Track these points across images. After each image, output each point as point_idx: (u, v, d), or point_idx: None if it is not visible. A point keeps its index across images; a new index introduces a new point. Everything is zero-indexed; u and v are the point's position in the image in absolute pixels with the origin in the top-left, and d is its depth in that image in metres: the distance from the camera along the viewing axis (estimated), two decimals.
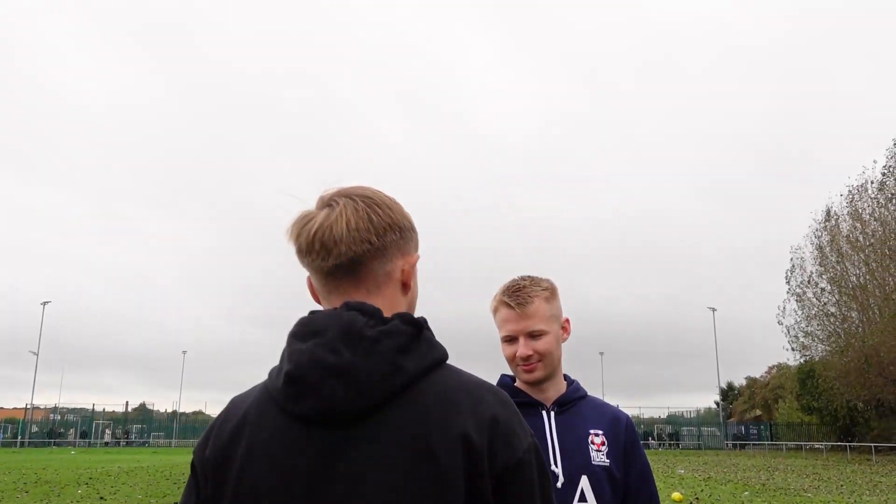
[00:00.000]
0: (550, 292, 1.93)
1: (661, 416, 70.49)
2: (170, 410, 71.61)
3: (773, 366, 67.75)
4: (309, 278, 1.15)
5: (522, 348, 1.86)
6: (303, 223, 1.09)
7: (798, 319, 46.81)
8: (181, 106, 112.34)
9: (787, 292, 48.07)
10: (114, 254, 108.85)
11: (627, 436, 1.94)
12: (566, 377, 2.00)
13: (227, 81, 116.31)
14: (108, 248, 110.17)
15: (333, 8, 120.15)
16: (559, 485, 1.79)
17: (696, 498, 15.05)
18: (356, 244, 1.07)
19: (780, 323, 49.37)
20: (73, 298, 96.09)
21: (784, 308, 49.08)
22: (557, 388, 1.94)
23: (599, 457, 1.86)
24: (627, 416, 2.00)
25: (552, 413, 1.90)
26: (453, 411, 0.99)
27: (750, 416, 69.09)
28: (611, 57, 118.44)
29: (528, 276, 1.96)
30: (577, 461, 1.83)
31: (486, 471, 0.97)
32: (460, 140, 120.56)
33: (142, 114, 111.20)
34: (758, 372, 73.00)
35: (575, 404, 1.94)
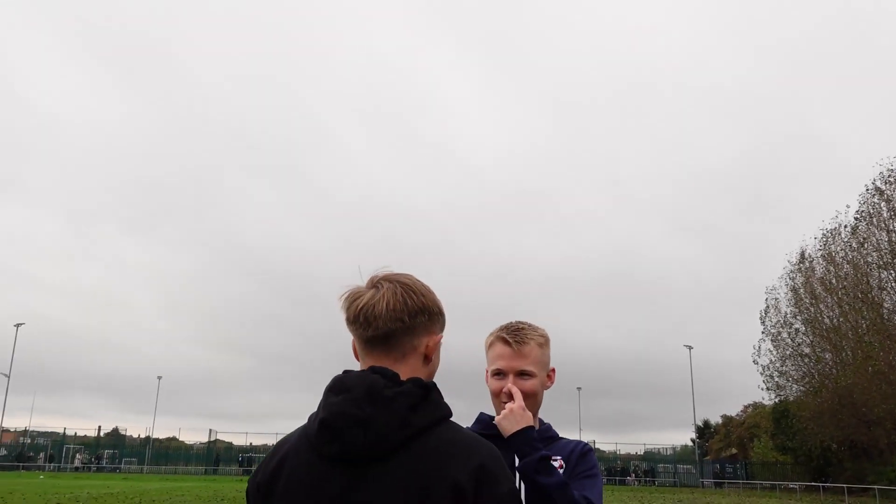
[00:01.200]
0: (545, 340, 2.07)
1: (638, 453, 70.47)
2: (143, 436, 70.71)
3: (749, 404, 68.16)
4: (353, 341, 1.47)
5: (510, 385, 1.96)
6: (353, 298, 1.43)
7: (773, 359, 47.34)
8: (156, 127, 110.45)
9: (762, 332, 48.62)
10: (87, 276, 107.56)
11: (583, 455, 2.00)
12: (541, 420, 2.10)
13: (205, 103, 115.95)
14: (82, 270, 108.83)
15: (313, 29, 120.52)
16: None
17: None
18: (391, 321, 1.40)
19: (755, 362, 49.77)
20: (47, 321, 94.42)
21: (759, 347, 49.53)
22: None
23: None
24: (586, 444, 2.06)
25: None
26: (449, 461, 1.29)
27: (726, 454, 69.22)
28: (590, 89, 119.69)
29: (526, 322, 2.09)
30: None
31: None
32: (436, 168, 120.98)
33: (116, 134, 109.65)
34: (734, 410, 73.39)
35: (544, 442, 2.01)
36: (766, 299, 48.33)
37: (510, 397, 1.97)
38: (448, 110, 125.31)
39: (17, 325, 60.60)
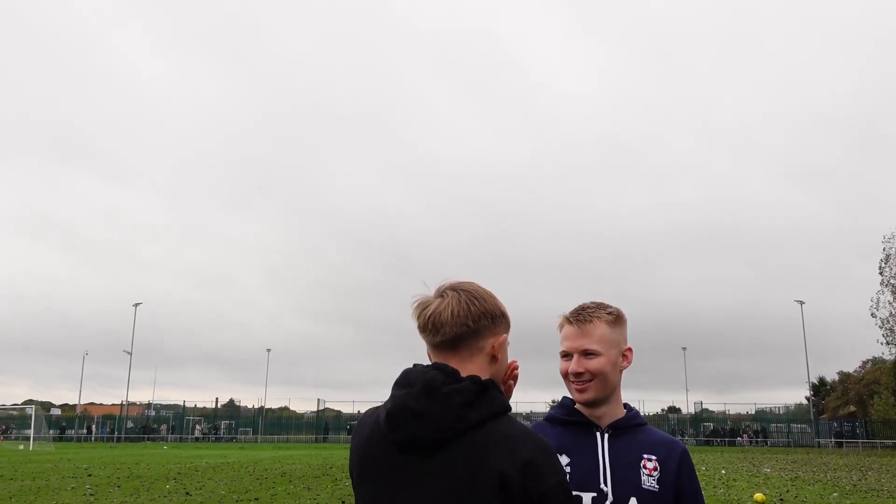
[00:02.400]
0: (615, 318, 2.02)
1: (749, 412, 68.36)
2: (256, 406, 73.93)
3: (868, 360, 64.80)
4: (427, 349, 1.63)
5: (574, 364, 1.97)
6: (422, 308, 1.59)
7: (893, 311, 44.67)
8: (255, 105, 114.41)
9: (881, 283, 45.97)
10: (193, 253, 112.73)
11: (683, 464, 1.98)
12: (626, 405, 2.06)
13: (300, 79, 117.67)
14: (187, 248, 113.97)
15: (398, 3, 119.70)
16: (607, 503, 1.90)
17: (781, 499, 14.57)
18: (457, 327, 1.55)
19: (873, 315, 47.21)
20: (160, 299, 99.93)
21: (877, 300, 46.90)
22: (614, 413, 2.02)
23: (650, 481, 1.92)
24: (684, 445, 2.03)
25: (606, 434, 1.99)
26: (498, 453, 1.42)
27: (843, 412, 66.24)
28: (685, 35, 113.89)
29: (597, 301, 2.07)
30: (627, 483, 1.91)
31: (518, 500, 1.39)
32: (528, 128, 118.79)
33: (213, 111, 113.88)
34: (851, 366, 69.92)
35: (631, 430, 2.01)
36: (885, 248, 45.67)
37: (577, 377, 1.98)
38: (533, 63, 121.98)
39: (136, 305, 64.55)
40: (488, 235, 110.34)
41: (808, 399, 67.92)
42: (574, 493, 1.84)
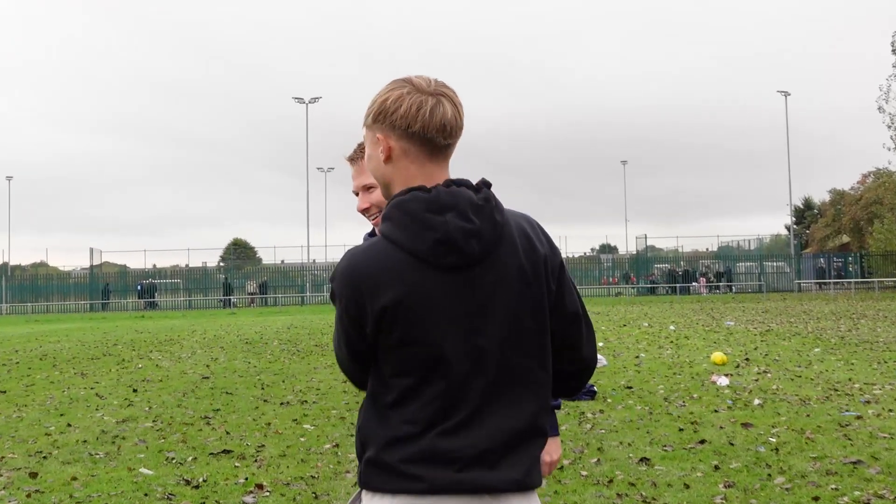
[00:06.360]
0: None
1: (710, 249, 72.63)
2: None
3: (869, 173, 69.36)
4: (397, 145, 2.15)
5: (360, 202, 3.26)
6: (430, 107, 2.09)
7: None
8: None
9: (894, 66, 48.28)
10: None
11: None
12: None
13: None
14: None
15: None
16: None
17: (747, 358, 15.95)
18: (460, 132, 2.18)
19: (881, 110, 50.08)
20: None
21: (888, 89, 49.52)
22: None
23: None
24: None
25: None
26: (529, 240, 2.17)
27: (833, 244, 71.40)
28: None
29: None
30: None
31: (550, 269, 2.18)
32: None
33: None
34: (847, 183, 75.06)
35: None
36: None
37: (364, 213, 3.16)
38: None
39: None
40: None
41: (788, 228, 72.68)
42: None
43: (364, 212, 3.22)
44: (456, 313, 2.08)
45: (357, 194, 3.23)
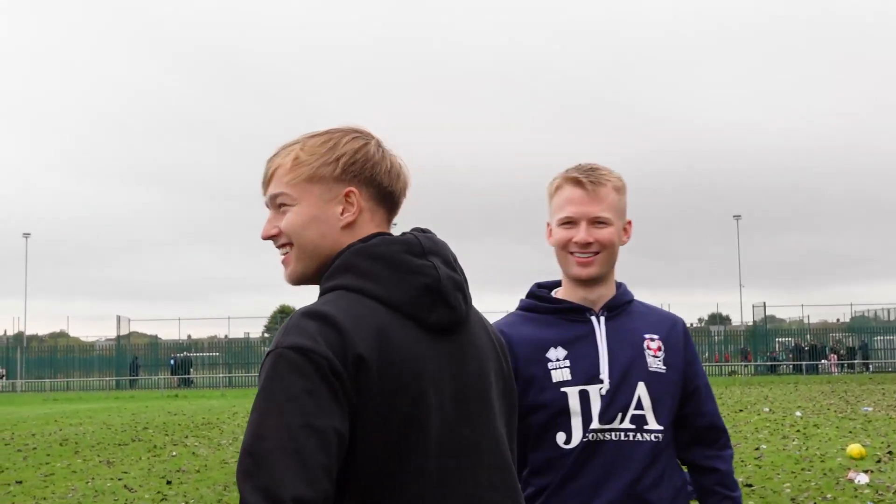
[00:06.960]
0: (622, 185, 2.88)
1: (840, 320, 71.28)
2: (10, 333, 72.95)
3: None
4: (357, 194, 2.01)
5: (583, 233, 2.79)
6: (383, 155, 2.07)
7: None
8: None
9: None
10: None
11: (687, 343, 2.94)
12: (617, 284, 2.98)
13: None
14: None
15: None
16: (603, 392, 2.78)
17: (889, 452, 15.16)
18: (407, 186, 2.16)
19: None
20: None
21: None
22: (607, 292, 2.93)
23: (656, 363, 2.86)
24: (682, 320, 2.95)
25: (602, 318, 2.89)
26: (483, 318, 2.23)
27: None
28: None
29: (592, 162, 2.87)
30: (633, 369, 2.82)
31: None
32: None
33: None
34: None
35: (625, 308, 2.95)
36: None
37: (583, 249, 2.81)
38: None
39: None
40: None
41: None
42: (580, 387, 2.77)
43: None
44: (449, 372, 1.99)
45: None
